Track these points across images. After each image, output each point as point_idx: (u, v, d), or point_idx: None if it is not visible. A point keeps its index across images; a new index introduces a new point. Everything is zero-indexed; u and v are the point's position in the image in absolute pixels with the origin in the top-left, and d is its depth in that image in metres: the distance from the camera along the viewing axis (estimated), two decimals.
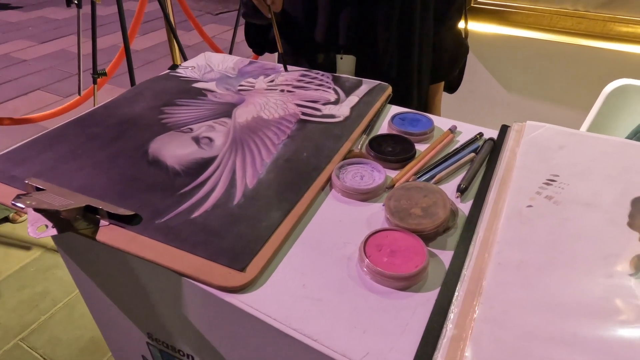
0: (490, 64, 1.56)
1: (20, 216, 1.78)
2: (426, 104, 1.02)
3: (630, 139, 1.00)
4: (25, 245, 1.68)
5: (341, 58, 0.89)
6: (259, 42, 0.98)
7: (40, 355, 1.30)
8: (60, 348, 1.32)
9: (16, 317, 1.41)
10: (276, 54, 1.00)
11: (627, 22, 1.33)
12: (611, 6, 1.35)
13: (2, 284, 1.53)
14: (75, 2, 1.59)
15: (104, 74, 1.78)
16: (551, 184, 0.53)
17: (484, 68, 1.57)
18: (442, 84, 1.02)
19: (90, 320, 1.39)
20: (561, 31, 1.43)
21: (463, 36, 0.99)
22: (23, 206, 0.45)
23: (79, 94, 1.87)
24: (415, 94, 0.93)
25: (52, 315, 1.42)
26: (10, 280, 1.54)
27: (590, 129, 1.07)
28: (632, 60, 1.33)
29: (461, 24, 0.97)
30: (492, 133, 0.66)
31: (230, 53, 2.58)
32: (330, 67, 0.90)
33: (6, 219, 1.77)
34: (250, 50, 1.04)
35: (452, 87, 1.07)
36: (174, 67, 0.86)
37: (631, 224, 0.46)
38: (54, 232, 0.45)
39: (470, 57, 1.55)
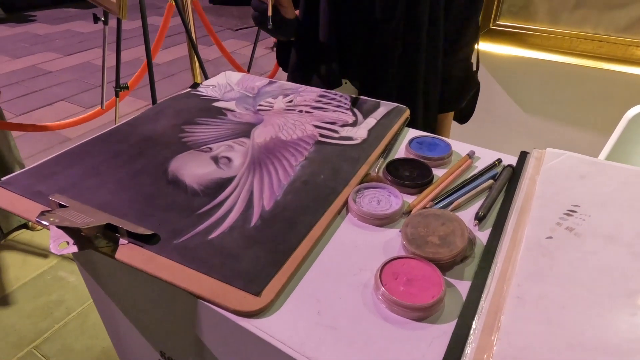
0: (509, 86, 1.55)
1: None
2: (433, 133, 1.02)
3: None
4: (42, 253, 1.71)
5: (345, 83, 0.91)
6: (288, 62, 1.02)
7: None
8: (72, 357, 1.33)
9: (31, 324, 1.43)
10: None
11: None
12: (633, 31, 1.33)
13: (19, 290, 1.56)
14: (102, 19, 1.64)
15: (126, 87, 1.83)
16: (572, 215, 0.52)
17: (503, 90, 1.56)
18: (451, 114, 1.02)
19: (102, 330, 1.41)
20: (581, 54, 1.42)
21: (474, 69, 0.98)
22: (47, 223, 0.46)
23: (102, 107, 1.91)
24: (420, 122, 0.93)
25: (65, 324, 1.43)
26: (27, 287, 1.57)
27: (610, 155, 1.05)
28: None
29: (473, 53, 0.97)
30: (510, 158, 0.65)
31: (249, 68, 2.63)
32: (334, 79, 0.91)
33: (25, 227, 1.81)
34: (267, 65, 1.07)
35: (462, 118, 1.06)
36: (195, 85, 0.87)
37: None
38: (75, 249, 0.46)
39: (489, 79, 1.55)
